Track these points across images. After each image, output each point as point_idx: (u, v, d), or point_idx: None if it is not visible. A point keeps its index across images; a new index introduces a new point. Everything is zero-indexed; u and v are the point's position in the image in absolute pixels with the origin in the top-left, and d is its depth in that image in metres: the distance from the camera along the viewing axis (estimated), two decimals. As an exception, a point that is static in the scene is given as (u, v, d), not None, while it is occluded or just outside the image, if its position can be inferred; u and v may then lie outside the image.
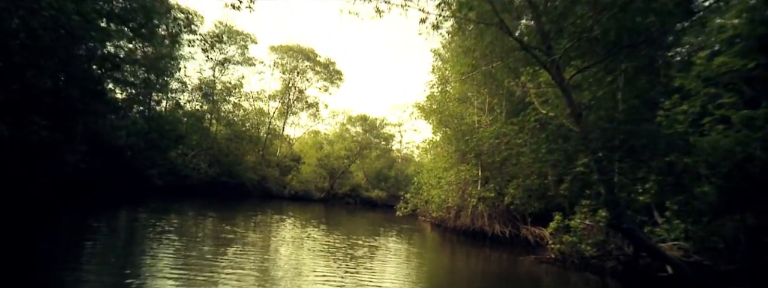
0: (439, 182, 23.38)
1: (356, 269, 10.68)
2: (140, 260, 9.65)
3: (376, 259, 12.54)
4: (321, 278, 9.43)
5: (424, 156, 66.90)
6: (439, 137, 26.82)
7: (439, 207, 23.78)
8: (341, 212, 34.62)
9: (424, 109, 27.24)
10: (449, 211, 22.90)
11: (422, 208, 26.17)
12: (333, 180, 49.44)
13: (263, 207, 29.64)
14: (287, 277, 9.30)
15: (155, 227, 14.20)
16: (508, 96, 19.92)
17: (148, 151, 26.62)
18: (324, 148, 54.34)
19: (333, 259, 11.70)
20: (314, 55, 47.43)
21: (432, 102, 25.33)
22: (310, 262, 11.17)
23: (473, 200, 19.91)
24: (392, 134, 58.09)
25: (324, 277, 9.60)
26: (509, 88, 19.22)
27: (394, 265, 12.08)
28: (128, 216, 16.98)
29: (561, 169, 12.72)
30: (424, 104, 26.00)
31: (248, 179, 36.05)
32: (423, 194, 25.20)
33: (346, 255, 12.61)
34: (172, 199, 25.02)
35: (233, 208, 24.77)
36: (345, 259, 11.93)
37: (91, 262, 9.12)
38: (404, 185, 55.83)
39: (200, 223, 17.16)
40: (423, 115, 26.14)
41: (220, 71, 41.24)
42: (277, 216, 23.28)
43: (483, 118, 20.42)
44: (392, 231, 21.91)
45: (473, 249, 18.67)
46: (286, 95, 47.93)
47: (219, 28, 41.07)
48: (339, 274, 10.01)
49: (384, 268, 11.42)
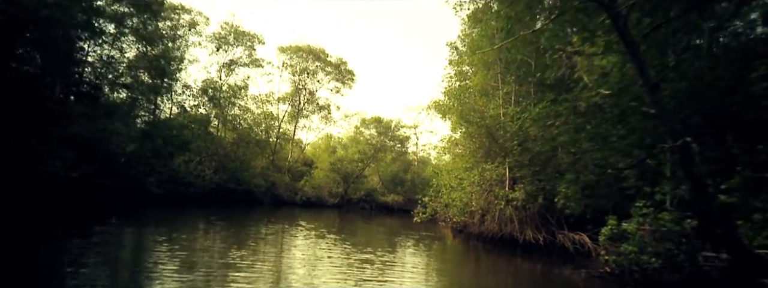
0: (461, 184, 21.09)
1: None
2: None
3: (391, 278, 10.35)
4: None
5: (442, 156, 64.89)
6: (458, 135, 24.56)
7: (460, 211, 21.47)
8: (356, 219, 32.54)
9: (442, 105, 25.07)
10: (473, 216, 20.58)
11: (442, 212, 23.84)
12: (347, 185, 47.47)
13: (273, 215, 27.73)
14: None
15: (143, 246, 12.29)
16: (538, 84, 17.57)
17: (146, 157, 24.96)
18: (337, 151, 52.48)
19: (344, 279, 9.57)
20: (325, 54, 45.61)
21: (450, 97, 23.13)
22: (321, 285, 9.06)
23: (500, 203, 17.57)
24: (408, 136, 55.95)
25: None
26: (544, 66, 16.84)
27: (411, 285, 9.88)
28: (106, 231, 15.11)
29: (633, 160, 10.23)
30: (441, 101, 23.77)
31: (256, 186, 34.19)
32: (442, 198, 22.90)
33: (360, 272, 10.49)
34: (171, 209, 23.23)
35: (239, 219, 22.86)
36: (357, 279, 9.78)
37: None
38: (421, 189, 53.65)
39: (195, 240, 15.18)
40: (441, 112, 23.88)
41: (226, 73, 39.74)
42: (288, 226, 21.29)
43: (509, 109, 18.09)
44: (410, 240, 19.70)
45: (502, 259, 16.34)
46: (296, 97, 46.13)
47: (225, 29, 39.64)
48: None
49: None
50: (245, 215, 25.52)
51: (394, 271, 11.22)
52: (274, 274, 9.79)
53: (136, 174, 22.72)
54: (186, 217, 20.84)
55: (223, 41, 39.74)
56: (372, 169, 53.79)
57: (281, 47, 44.89)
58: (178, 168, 28.79)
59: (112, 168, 21.25)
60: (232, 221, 21.43)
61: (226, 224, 20.04)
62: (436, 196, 22.99)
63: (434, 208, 22.47)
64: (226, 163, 33.14)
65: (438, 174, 25.43)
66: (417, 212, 22.63)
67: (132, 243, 12.89)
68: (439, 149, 25.84)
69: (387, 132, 52.78)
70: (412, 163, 58.24)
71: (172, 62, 34.78)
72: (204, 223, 19.49)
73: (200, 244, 13.27)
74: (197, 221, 19.84)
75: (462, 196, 21.07)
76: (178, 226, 17.45)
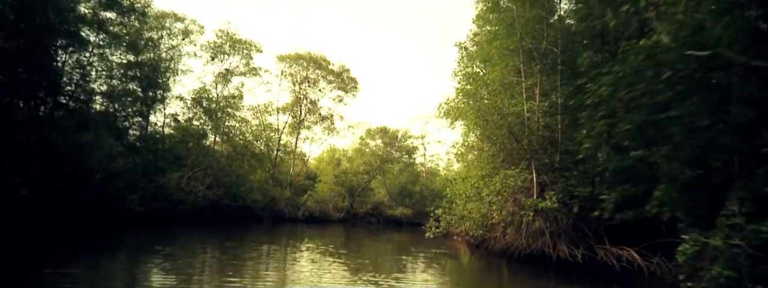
0: (479, 193, 18.51)
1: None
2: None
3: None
4: None
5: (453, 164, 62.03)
6: (472, 138, 22.08)
7: (478, 224, 18.87)
8: (363, 235, 29.99)
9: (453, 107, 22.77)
10: (494, 229, 17.95)
11: (456, 225, 21.17)
12: (352, 198, 44.95)
13: (273, 234, 25.32)
14: None
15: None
16: (568, 74, 15.16)
17: (130, 173, 22.68)
18: (342, 164, 50.11)
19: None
20: (326, 62, 43.47)
21: (463, 96, 20.74)
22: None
23: (528, 214, 14.96)
24: (415, 146, 53.57)
25: None
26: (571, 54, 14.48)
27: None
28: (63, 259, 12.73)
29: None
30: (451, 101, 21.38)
31: (254, 201, 31.73)
32: (456, 209, 20.29)
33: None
34: (156, 228, 20.84)
35: (233, 237, 20.41)
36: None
37: None
38: (431, 201, 51.03)
39: (156, 265, 12.75)
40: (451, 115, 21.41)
41: (222, 84, 37.60)
42: (287, 244, 18.85)
43: (535, 104, 15.63)
44: (422, 258, 17.14)
45: (533, 280, 13.79)
46: (297, 108, 43.93)
47: (220, 37, 37.61)
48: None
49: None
50: (241, 233, 23.07)
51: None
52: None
53: (114, 191, 20.36)
54: (166, 238, 18.45)
55: (218, 50, 37.76)
56: (378, 181, 51.34)
57: (280, 56, 42.87)
58: (167, 184, 26.47)
59: (87, 185, 18.97)
60: (224, 240, 18.98)
61: (216, 243, 17.61)
62: (449, 208, 20.38)
63: (449, 222, 19.85)
64: (222, 178, 30.82)
65: (452, 183, 22.75)
66: (429, 227, 19.99)
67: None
68: (451, 155, 23.19)
69: (393, 142, 50.50)
70: (420, 174, 55.81)
71: (166, 72, 32.95)
72: (185, 243, 17.09)
73: (160, 269, 10.84)
74: (178, 241, 17.43)
75: (480, 207, 18.48)
76: (146, 248, 15.04)
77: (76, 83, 21.47)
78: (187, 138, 32.15)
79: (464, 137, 23.31)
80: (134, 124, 27.86)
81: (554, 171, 15.73)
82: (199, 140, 31.99)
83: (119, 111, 24.31)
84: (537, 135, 16.03)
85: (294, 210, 38.02)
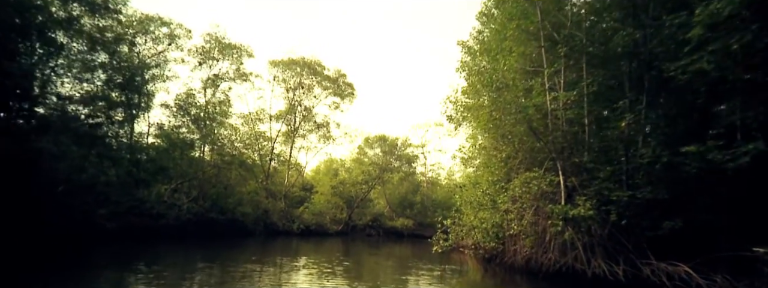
0: (492, 200, 16.19)
1: None
2: None
3: None
4: None
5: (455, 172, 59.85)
6: (480, 141, 19.82)
7: (491, 235, 16.55)
8: (362, 249, 27.55)
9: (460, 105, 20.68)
10: (511, 241, 15.63)
11: (465, 237, 18.78)
12: (351, 210, 42.63)
13: (265, 249, 22.86)
14: None
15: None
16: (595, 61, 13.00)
17: (102, 185, 20.36)
18: (339, 174, 47.77)
19: None
20: (321, 67, 41.41)
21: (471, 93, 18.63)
22: None
23: (557, 223, 12.61)
24: (416, 155, 51.43)
25: None
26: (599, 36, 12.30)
27: None
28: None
29: None
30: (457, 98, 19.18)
31: (244, 214, 29.28)
32: (466, 219, 17.96)
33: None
34: (124, 247, 18.38)
35: (218, 259, 17.97)
36: None
37: None
38: (432, 211, 48.75)
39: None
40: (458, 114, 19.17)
41: (210, 90, 35.39)
42: (278, 264, 16.43)
43: (561, 95, 13.35)
44: (428, 276, 14.73)
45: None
46: (291, 116, 41.74)
47: (208, 41, 35.49)
48: None
49: None
50: (226, 250, 20.60)
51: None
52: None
53: (78, 206, 17.97)
54: (131, 257, 15.98)
55: (206, 55, 35.62)
56: (378, 191, 49.17)
57: (273, 61, 40.82)
58: (148, 197, 24.09)
59: (47, 198, 16.63)
60: (202, 259, 16.58)
61: (187, 265, 15.19)
62: (458, 219, 18.03)
63: (458, 234, 17.49)
64: (207, 190, 28.45)
65: (461, 189, 20.40)
66: (436, 240, 17.63)
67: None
68: (457, 160, 20.82)
69: (393, 151, 48.35)
70: (421, 184, 53.58)
71: (151, 79, 30.88)
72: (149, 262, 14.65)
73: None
74: (139, 261, 14.99)
75: (493, 216, 16.17)
76: (84, 274, 12.62)
77: (39, 86, 19.31)
78: (172, 148, 29.86)
79: (472, 139, 21.09)
80: (111, 132, 25.51)
81: (583, 172, 13.44)
82: (185, 150, 29.64)
83: (91, 117, 21.99)
84: (562, 130, 13.78)
85: (288, 223, 35.58)
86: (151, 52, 31.93)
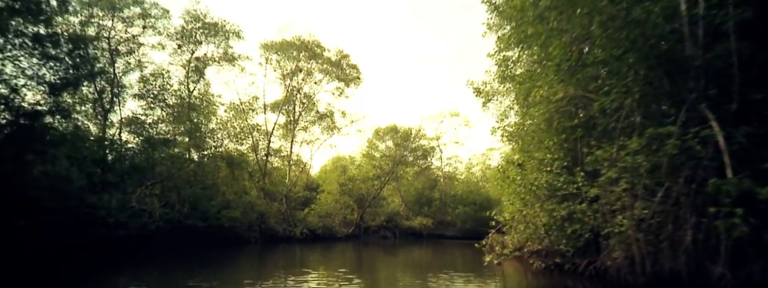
0: (575, 185, 10.73)
1: None
2: None
3: None
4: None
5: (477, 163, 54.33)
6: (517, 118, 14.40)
7: (558, 236, 11.18)
8: (376, 255, 22.57)
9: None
10: (623, 247, 10.13)
11: (523, 240, 13.24)
12: (362, 210, 37.47)
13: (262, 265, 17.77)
14: None
15: None
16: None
17: (33, 189, 15.22)
18: (348, 171, 42.56)
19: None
20: (320, 48, 35.93)
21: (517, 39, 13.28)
22: None
23: (733, 213, 7.13)
24: (431, 147, 46.25)
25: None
26: None
27: None
28: None
29: None
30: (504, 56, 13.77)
31: (231, 219, 24.03)
32: (528, 214, 12.47)
33: None
34: (43, 270, 13.21)
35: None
36: None
37: None
38: (452, 209, 43.69)
39: None
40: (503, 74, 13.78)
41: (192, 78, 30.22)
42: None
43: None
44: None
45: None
46: (289, 105, 36.52)
47: (188, 21, 30.15)
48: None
49: None
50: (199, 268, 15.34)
51: None
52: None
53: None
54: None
55: (187, 38, 30.39)
56: (391, 188, 44.11)
57: (265, 44, 35.49)
58: (105, 203, 18.95)
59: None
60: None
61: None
62: (520, 214, 12.51)
63: (522, 235, 12.03)
64: (184, 191, 23.30)
65: (507, 173, 14.59)
66: (488, 243, 12.20)
67: None
68: (498, 134, 15.16)
69: (406, 143, 43.08)
70: (438, 179, 48.34)
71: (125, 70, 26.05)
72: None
73: None
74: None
75: (584, 209, 10.70)
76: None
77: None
78: (146, 144, 24.85)
79: (499, 120, 15.79)
80: (61, 125, 20.28)
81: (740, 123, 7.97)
82: (158, 146, 24.53)
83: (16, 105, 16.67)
84: (704, 58, 8.28)
85: (290, 227, 30.37)
86: (122, 37, 26.95)
